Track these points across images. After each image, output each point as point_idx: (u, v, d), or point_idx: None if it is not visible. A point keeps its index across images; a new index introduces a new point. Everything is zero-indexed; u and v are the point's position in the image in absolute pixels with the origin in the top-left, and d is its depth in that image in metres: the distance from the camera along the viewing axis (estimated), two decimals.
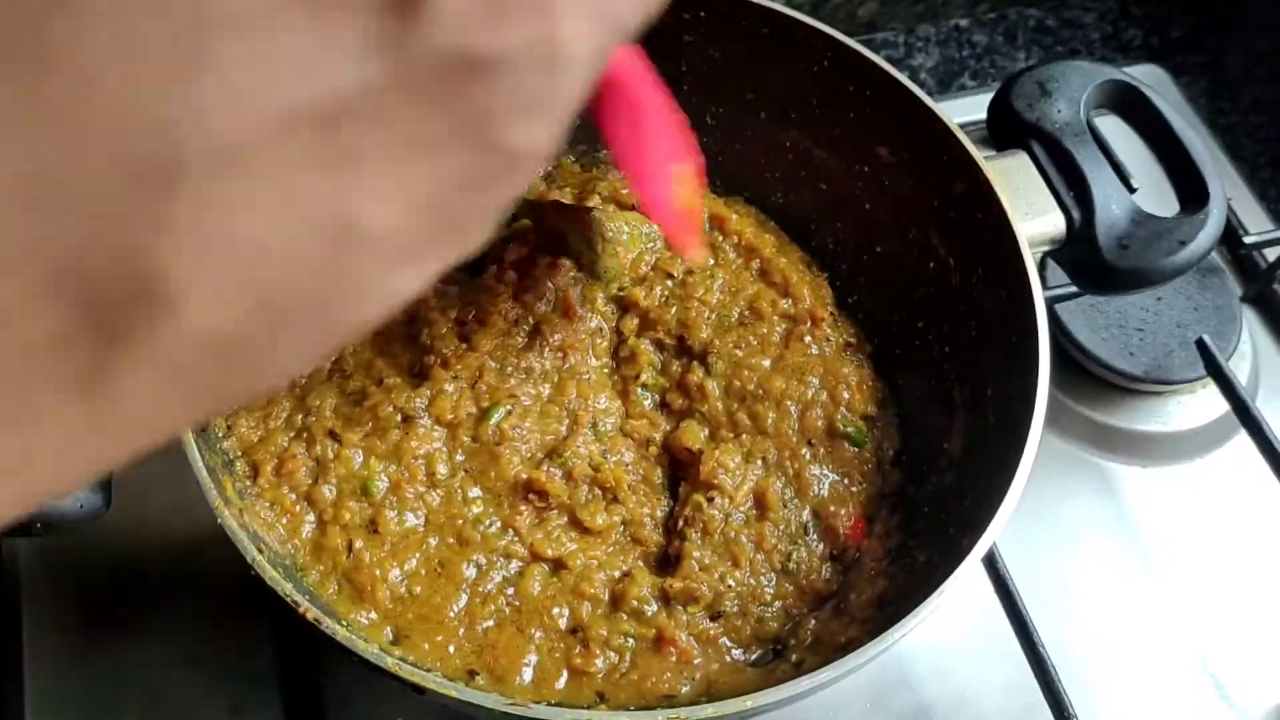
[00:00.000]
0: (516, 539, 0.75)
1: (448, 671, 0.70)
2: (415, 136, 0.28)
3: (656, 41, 0.89)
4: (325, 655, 0.82)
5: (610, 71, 0.57)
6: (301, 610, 0.61)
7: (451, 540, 0.75)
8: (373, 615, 0.72)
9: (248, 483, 0.74)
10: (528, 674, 0.72)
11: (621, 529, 0.78)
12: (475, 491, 0.76)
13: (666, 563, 0.77)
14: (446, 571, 0.74)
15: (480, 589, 0.74)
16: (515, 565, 0.75)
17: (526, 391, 0.80)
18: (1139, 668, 0.86)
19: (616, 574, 0.76)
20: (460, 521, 0.75)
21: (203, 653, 0.82)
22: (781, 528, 0.78)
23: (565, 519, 0.77)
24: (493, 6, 0.28)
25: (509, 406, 0.78)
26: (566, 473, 0.77)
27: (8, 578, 0.85)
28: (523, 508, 0.76)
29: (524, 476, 0.76)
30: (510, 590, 0.74)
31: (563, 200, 0.88)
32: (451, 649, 0.72)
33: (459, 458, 0.77)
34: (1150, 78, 1.12)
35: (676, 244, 0.74)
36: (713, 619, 0.74)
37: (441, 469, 0.76)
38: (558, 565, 0.75)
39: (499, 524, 0.76)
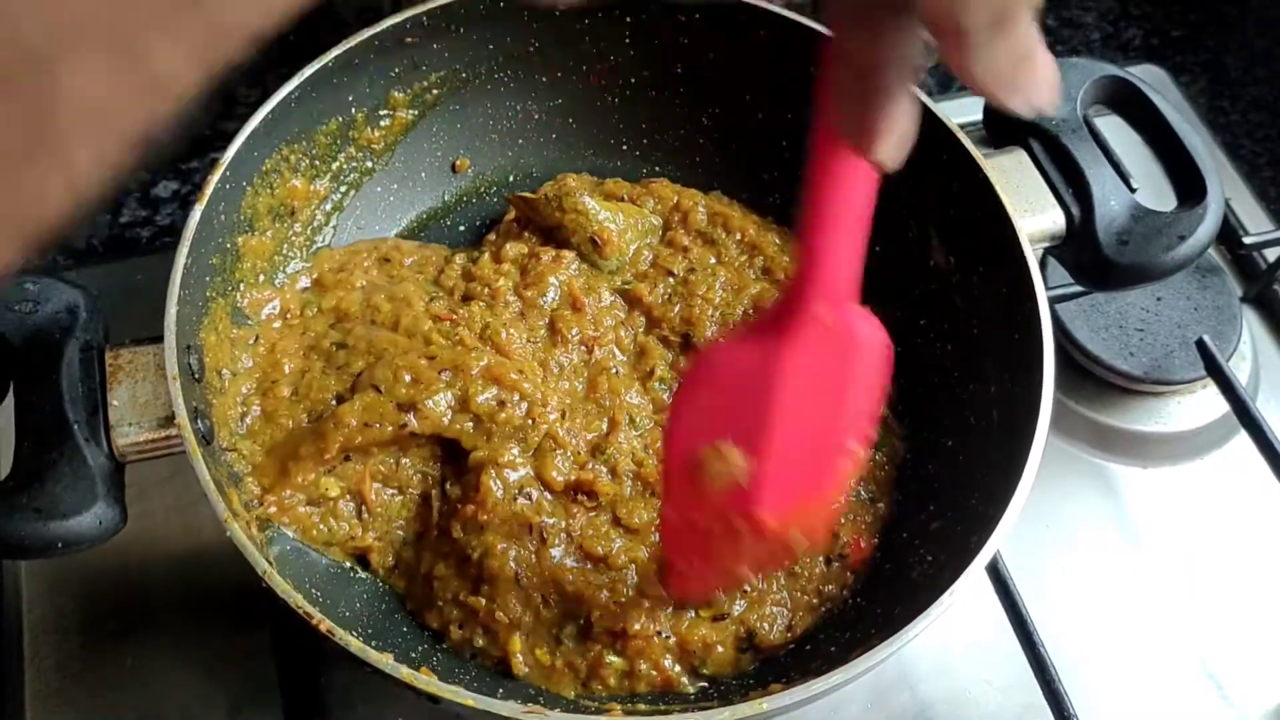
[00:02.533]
0: (569, 540, 0.76)
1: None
2: None
3: (655, 43, 0.91)
4: (325, 661, 0.81)
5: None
6: (315, 622, 0.61)
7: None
8: None
9: (254, 498, 0.74)
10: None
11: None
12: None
13: None
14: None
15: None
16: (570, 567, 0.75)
17: (562, 389, 0.80)
18: (1139, 667, 0.86)
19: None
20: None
21: (203, 659, 0.82)
22: None
23: (610, 516, 0.77)
24: None
25: (560, 410, 0.78)
26: (611, 469, 0.78)
27: (9, 584, 0.85)
28: (575, 509, 0.77)
29: (574, 478, 0.77)
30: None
31: (552, 193, 0.88)
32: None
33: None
34: (1150, 77, 1.12)
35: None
36: (715, 620, 0.74)
37: (522, 501, 0.76)
38: (599, 562, 0.76)
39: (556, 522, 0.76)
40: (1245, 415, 0.92)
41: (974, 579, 0.64)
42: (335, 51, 0.80)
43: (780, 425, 0.58)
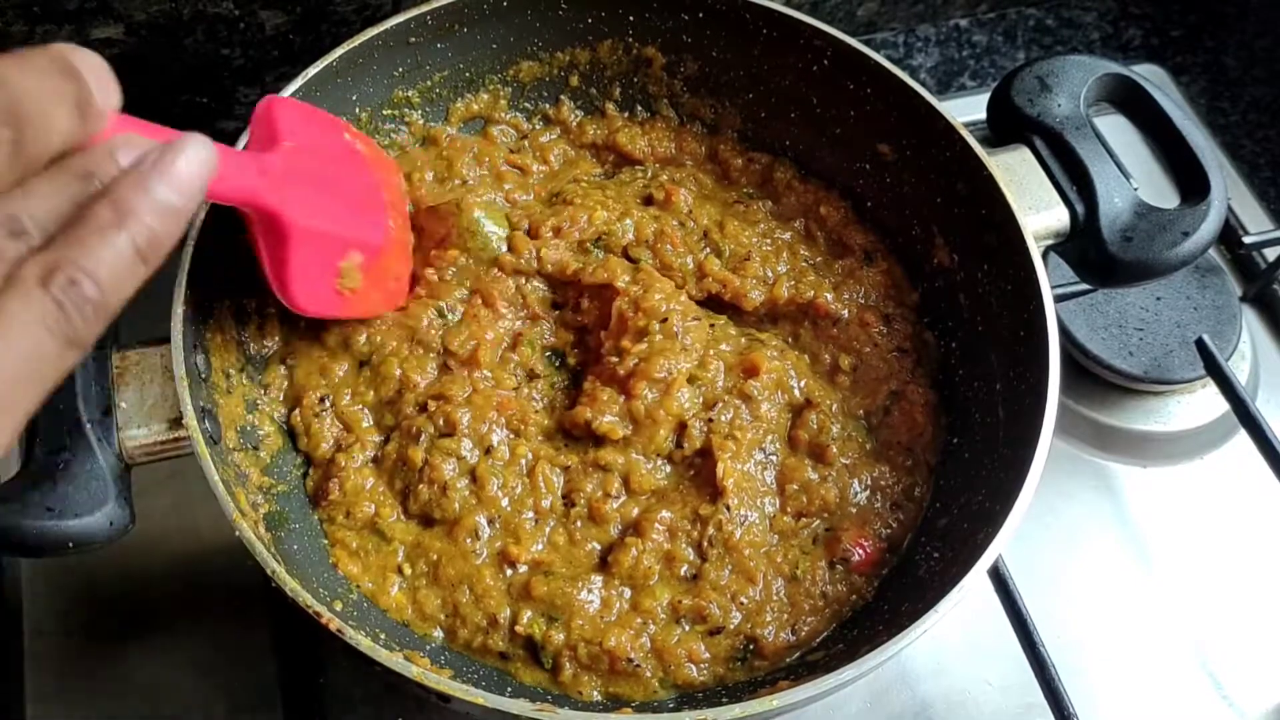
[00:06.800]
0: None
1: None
2: None
3: (658, 40, 0.91)
4: (325, 661, 0.81)
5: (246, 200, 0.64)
6: (324, 620, 0.61)
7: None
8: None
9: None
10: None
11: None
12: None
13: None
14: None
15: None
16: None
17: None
18: (1139, 667, 0.86)
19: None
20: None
21: (203, 659, 0.82)
22: (804, 534, 0.78)
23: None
24: None
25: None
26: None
27: (10, 584, 0.85)
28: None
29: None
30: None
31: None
32: None
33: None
34: (1150, 77, 1.12)
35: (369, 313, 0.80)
36: (711, 634, 0.74)
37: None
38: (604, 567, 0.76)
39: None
40: (1245, 414, 0.92)
41: (983, 575, 0.64)
42: (339, 51, 0.80)
43: None
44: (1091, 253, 0.79)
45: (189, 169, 0.46)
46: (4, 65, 0.40)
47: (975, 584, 0.64)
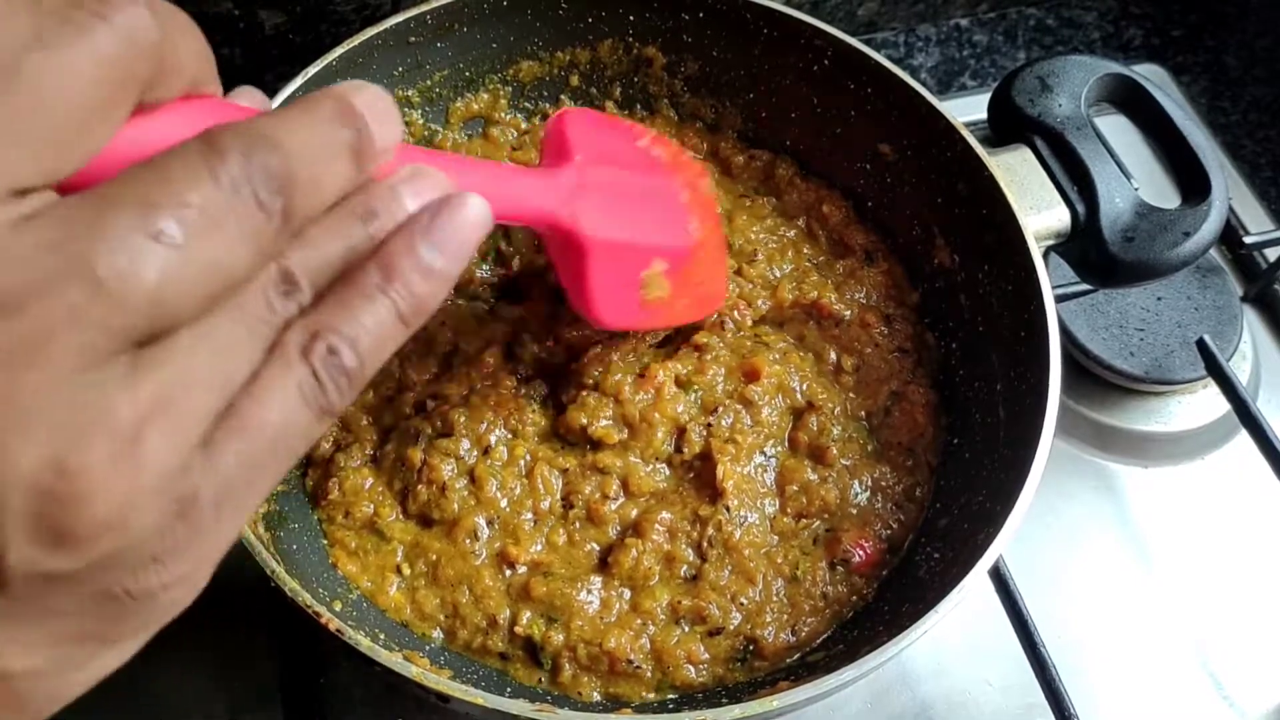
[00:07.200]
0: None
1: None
2: (36, 616, 0.36)
3: (659, 40, 0.90)
4: (325, 661, 0.81)
5: (545, 221, 0.62)
6: (324, 620, 0.61)
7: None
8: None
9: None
10: None
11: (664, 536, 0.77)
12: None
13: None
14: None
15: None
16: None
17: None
18: (1139, 667, 0.86)
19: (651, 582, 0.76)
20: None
21: (203, 659, 0.82)
22: (804, 535, 0.77)
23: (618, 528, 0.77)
24: (56, 539, 0.34)
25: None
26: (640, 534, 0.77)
27: None
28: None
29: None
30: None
31: None
32: None
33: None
34: (1151, 77, 1.12)
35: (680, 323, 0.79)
36: (711, 635, 0.74)
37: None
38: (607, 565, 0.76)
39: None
40: (1246, 415, 0.92)
41: (983, 576, 0.64)
42: (339, 50, 0.80)
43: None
44: (1092, 253, 0.79)
45: (462, 231, 0.43)
46: (276, 124, 0.38)
47: (976, 584, 0.64)
